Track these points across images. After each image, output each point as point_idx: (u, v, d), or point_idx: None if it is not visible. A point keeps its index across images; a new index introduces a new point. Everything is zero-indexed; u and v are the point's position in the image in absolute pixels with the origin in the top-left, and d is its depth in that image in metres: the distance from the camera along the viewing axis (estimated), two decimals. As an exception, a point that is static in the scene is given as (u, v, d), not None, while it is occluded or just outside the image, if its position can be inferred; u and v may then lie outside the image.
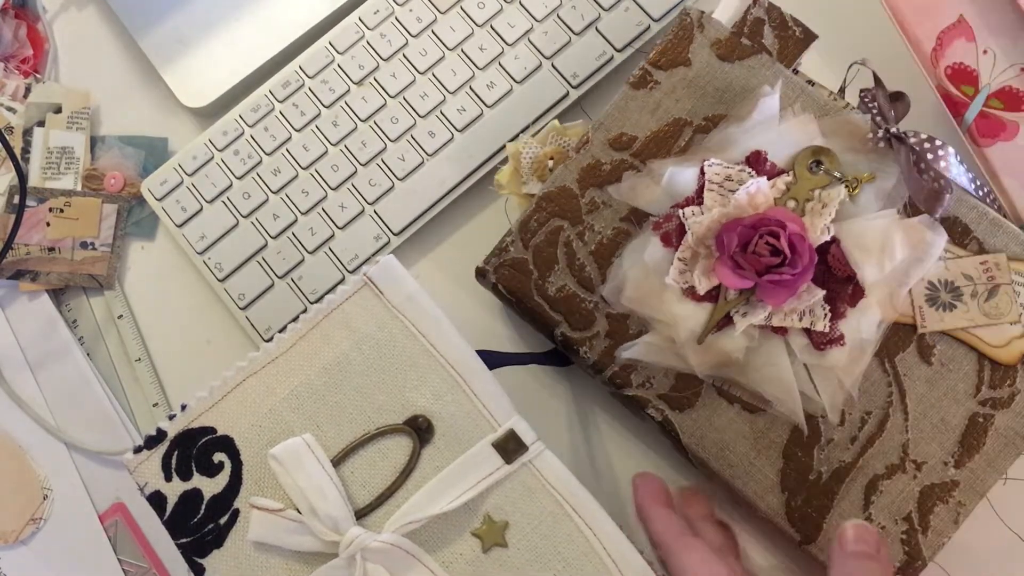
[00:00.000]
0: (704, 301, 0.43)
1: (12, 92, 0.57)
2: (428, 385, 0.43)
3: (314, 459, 0.42)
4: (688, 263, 0.43)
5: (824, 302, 0.42)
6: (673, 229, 0.44)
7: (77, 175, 0.56)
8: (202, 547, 0.43)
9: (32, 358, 0.54)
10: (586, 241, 0.46)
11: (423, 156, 0.54)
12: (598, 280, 0.45)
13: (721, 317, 0.42)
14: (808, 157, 0.43)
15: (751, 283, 0.41)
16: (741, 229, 0.41)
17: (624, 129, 0.46)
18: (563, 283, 0.45)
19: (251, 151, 0.54)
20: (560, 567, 0.41)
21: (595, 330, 0.45)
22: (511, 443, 0.42)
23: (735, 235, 0.41)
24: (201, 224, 0.54)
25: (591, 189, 0.46)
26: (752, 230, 0.41)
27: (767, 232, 0.41)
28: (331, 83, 0.55)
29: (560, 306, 0.45)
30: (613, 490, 0.50)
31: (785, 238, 0.41)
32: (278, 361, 0.44)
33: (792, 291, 0.41)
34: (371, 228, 0.53)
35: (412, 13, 0.55)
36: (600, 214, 0.46)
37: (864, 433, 0.43)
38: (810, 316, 0.42)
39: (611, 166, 0.46)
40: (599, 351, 0.45)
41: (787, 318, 0.42)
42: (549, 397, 0.51)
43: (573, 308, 0.45)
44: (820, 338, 0.42)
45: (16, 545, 0.51)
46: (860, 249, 0.42)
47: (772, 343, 0.42)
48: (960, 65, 0.48)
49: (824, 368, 0.42)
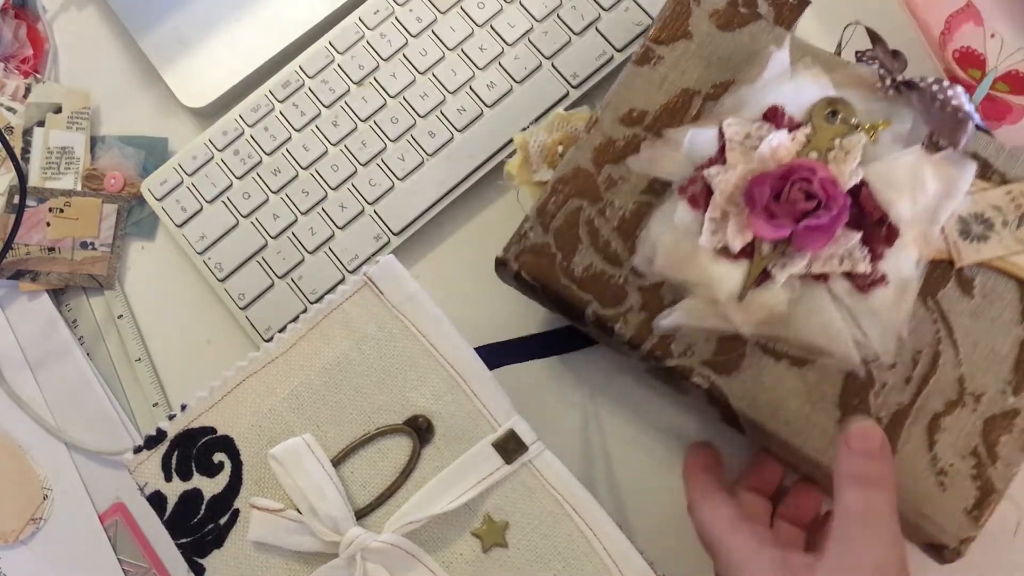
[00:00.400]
0: (739, 259, 0.42)
1: (12, 92, 0.57)
2: (428, 385, 0.43)
3: (314, 459, 0.42)
4: (719, 223, 0.43)
5: (860, 244, 0.42)
6: (699, 191, 0.43)
7: (77, 175, 0.56)
8: (202, 547, 0.43)
9: (32, 358, 0.54)
10: (608, 217, 0.45)
11: (423, 156, 0.54)
12: (625, 254, 0.44)
13: (759, 272, 0.42)
14: (824, 108, 0.44)
15: (788, 231, 0.41)
16: (772, 180, 0.41)
17: (633, 105, 0.46)
18: (589, 262, 0.44)
19: (251, 151, 0.54)
20: (560, 567, 0.41)
21: (628, 305, 0.44)
22: (511, 443, 0.42)
23: (767, 187, 0.41)
24: (201, 224, 0.54)
25: (607, 166, 0.45)
26: (782, 180, 0.41)
27: (799, 179, 0.41)
28: (331, 83, 0.55)
29: (589, 285, 0.44)
30: (613, 490, 0.50)
31: (817, 183, 0.41)
32: (278, 361, 0.44)
33: (830, 235, 0.41)
34: (371, 228, 0.53)
35: (412, 13, 0.55)
36: (619, 189, 0.45)
37: (918, 373, 0.42)
38: (850, 260, 0.42)
39: (624, 141, 0.46)
40: (634, 326, 0.44)
41: (827, 264, 0.42)
42: (549, 396, 0.51)
43: (602, 285, 0.44)
44: (862, 280, 0.42)
45: (16, 545, 0.51)
46: (891, 187, 0.42)
47: (814, 291, 0.42)
48: (967, 49, 0.49)
49: (870, 310, 0.42)
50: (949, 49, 0.49)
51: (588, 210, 0.45)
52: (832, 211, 0.41)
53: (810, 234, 0.41)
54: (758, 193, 0.41)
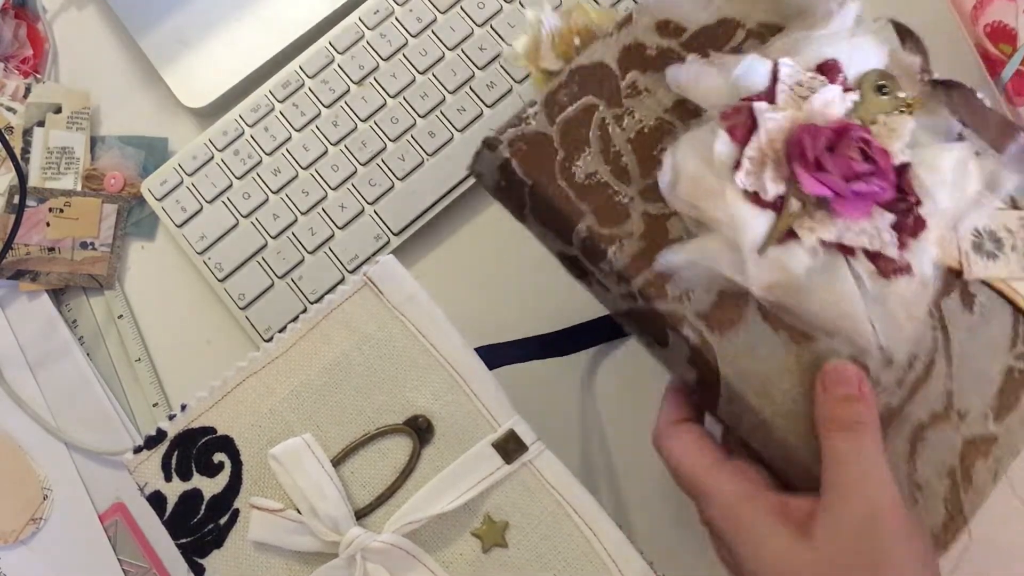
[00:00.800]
0: (768, 208, 0.38)
1: (12, 92, 0.57)
2: (428, 385, 0.43)
3: (314, 459, 0.42)
4: (756, 164, 0.38)
5: (891, 229, 0.39)
6: (743, 124, 0.39)
7: (77, 175, 0.56)
8: (202, 547, 0.43)
9: (32, 358, 0.54)
10: (624, 128, 0.40)
11: (423, 156, 0.54)
12: (636, 172, 0.39)
13: (786, 228, 0.38)
14: (876, 79, 0.40)
15: (831, 190, 0.37)
16: (828, 132, 0.38)
17: (673, 16, 0.42)
18: (594, 169, 0.39)
19: (251, 151, 0.54)
20: (560, 567, 0.41)
21: (628, 228, 0.38)
22: (511, 443, 0.42)
23: (822, 137, 0.38)
24: (201, 224, 0.54)
25: (633, 72, 0.41)
26: (838, 135, 0.38)
27: (858, 138, 0.38)
28: (331, 83, 0.55)
29: (588, 195, 0.39)
30: (613, 490, 0.50)
31: (874, 148, 0.38)
32: (278, 361, 0.44)
33: (870, 205, 0.38)
34: (371, 228, 0.53)
35: (412, 13, 0.55)
36: (642, 101, 0.40)
37: (911, 378, 0.39)
38: (880, 240, 0.38)
39: (657, 52, 0.41)
40: (630, 254, 0.38)
41: (858, 236, 0.38)
42: (550, 396, 0.51)
43: (604, 199, 0.39)
44: (887, 264, 0.38)
45: (16, 545, 0.51)
46: (935, 175, 0.39)
47: (837, 263, 0.38)
48: (999, 24, 0.49)
49: (888, 300, 0.38)
50: (981, 24, 0.48)
51: (604, 112, 0.40)
52: (884, 180, 0.38)
53: (854, 200, 0.37)
54: (809, 142, 0.38)
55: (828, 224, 0.38)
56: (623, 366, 0.51)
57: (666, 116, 0.40)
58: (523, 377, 0.51)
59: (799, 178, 0.37)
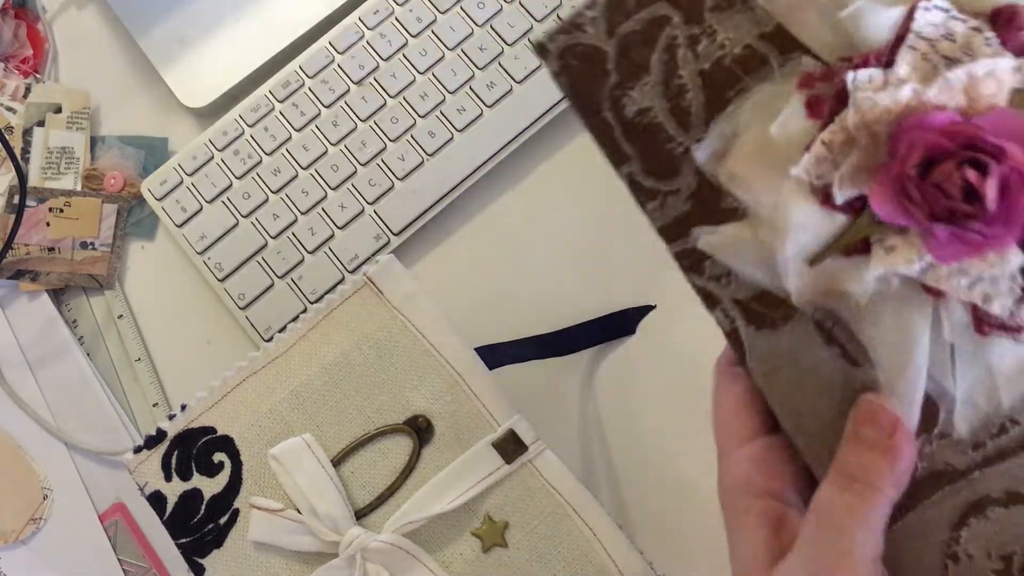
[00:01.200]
0: (838, 211, 0.28)
1: (12, 92, 0.57)
2: (428, 385, 0.43)
3: (314, 459, 0.42)
4: (835, 151, 0.28)
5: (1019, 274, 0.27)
6: (829, 95, 0.28)
7: (77, 175, 0.56)
8: (202, 547, 0.43)
9: (32, 358, 0.54)
10: (699, 53, 0.30)
11: (423, 156, 0.54)
12: (701, 118, 0.31)
13: (856, 240, 0.28)
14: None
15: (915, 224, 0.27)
16: (934, 138, 0.26)
17: None
18: (649, 104, 0.31)
19: (251, 151, 0.54)
20: (560, 567, 0.41)
21: (676, 184, 0.31)
22: (511, 443, 0.42)
23: (919, 144, 0.26)
24: (201, 224, 0.54)
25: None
26: (950, 143, 0.26)
27: (970, 159, 0.26)
28: (331, 83, 0.55)
29: (637, 136, 0.31)
30: (613, 490, 0.50)
31: (998, 175, 0.25)
32: (278, 361, 0.44)
33: (976, 252, 0.27)
34: (371, 228, 0.53)
35: (412, 13, 0.55)
36: (731, 17, 0.30)
37: (997, 444, 0.30)
38: (988, 287, 0.27)
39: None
40: (672, 216, 0.31)
41: (952, 280, 0.27)
42: (550, 396, 0.51)
43: (654, 146, 0.31)
44: (988, 319, 0.28)
45: (16, 545, 0.51)
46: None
47: (915, 303, 0.28)
48: None
49: (980, 360, 0.28)
50: None
51: (678, 30, 0.31)
52: (996, 225, 0.26)
53: (947, 242, 0.27)
54: (904, 148, 0.26)
55: (915, 252, 0.27)
56: (623, 366, 0.51)
57: (760, 45, 0.30)
58: (523, 377, 0.51)
59: (872, 196, 0.27)
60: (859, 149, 0.28)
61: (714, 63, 0.30)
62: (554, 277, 0.53)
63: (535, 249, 0.54)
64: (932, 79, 0.27)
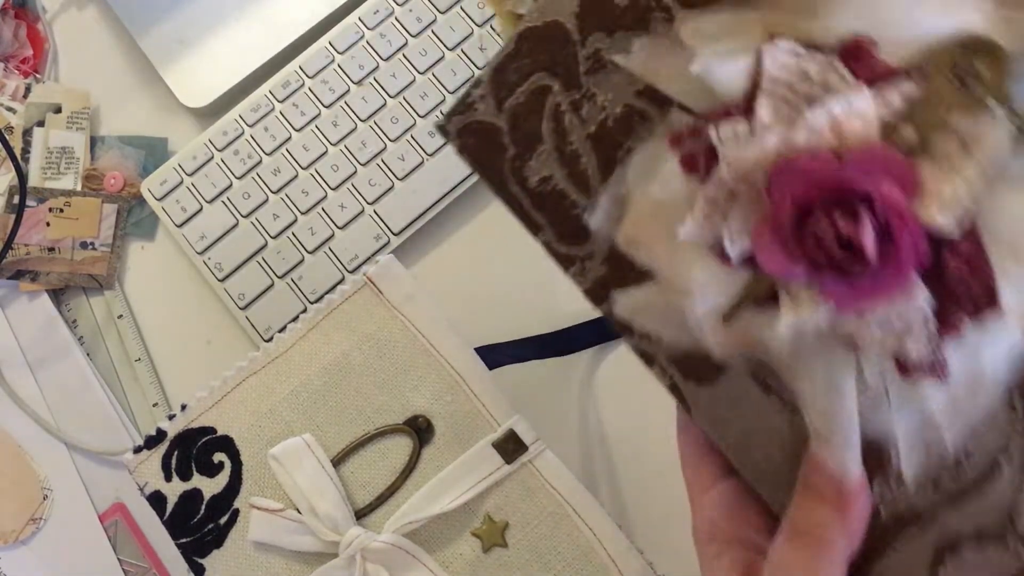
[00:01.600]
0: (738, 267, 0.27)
1: (12, 92, 0.57)
2: (428, 385, 0.43)
3: (314, 459, 0.42)
4: (718, 206, 0.27)
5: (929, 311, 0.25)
6: (701, 150, 0.27)
7: (77, 175, 0.56)
8: (202, 547, 0.43)
9: (32, 358, 0.54)
10: (584, 117, 0.30)
11: (423, 156, 0.54)
12: (597, 180, 0.30)
13: (763, 291, 0.27)
14: (955, 56, 0.25)
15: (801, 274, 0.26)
16: (802, 187, 0.25)
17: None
18: (549, 173, 0.31)
19: (251, 151, 0.54)
20: (560, 567, 0.41)
21: (589, 249, 0.31)
22: (511, 443, 0.42)
23: (788, 194, 0.25)
24: (201, 224, 0.54)
25: (596, 34, 0.30)
26: (816, 191, 0.25)
27: (838, 205, 0.24)
28: (331, 83, 0.55)
29: (544, 205, 0.31)
30: (613, 490, 0.50)
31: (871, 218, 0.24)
32: (278, 361, 0.44)
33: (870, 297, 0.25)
34: (371, 228, 0.53)
35: (412, 13, 0.55)
36: (607, 78, 0.30)
37: (957, 483, 0.28)
38: (900, 331, 0.26)
39: (629, 5, 0.30)
40: (593, 279, 0.31)
41: (862, 328, 0.26)
42: (550, 396, 0.51)
43: (562, 212, 0.31)
44: (909, 363, 0.26)
45: (16, 545, 0.51)
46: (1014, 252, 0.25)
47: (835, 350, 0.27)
48: None
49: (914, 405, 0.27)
50: None
51: (559, 96, 0.31)
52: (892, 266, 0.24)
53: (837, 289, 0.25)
54: (777, 197, 0.25)
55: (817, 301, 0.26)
56: (623, 366, 0.51)
57: (638, 102, 0.30)
58: (523, 377, 0.51)
59: (756, 248, 0.26)
60: (742, 202, 0.27)
61: (599, 125, 0.30)
62: (554, 277, 0.53)
63: (535, 249, 0.54)
64: (797, 121, 0.25)
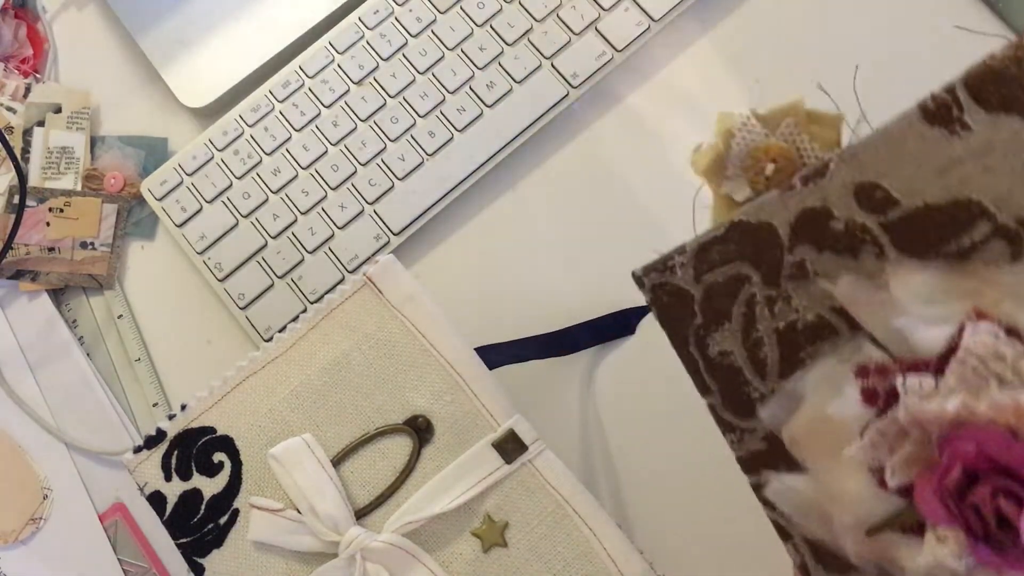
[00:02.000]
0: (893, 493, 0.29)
1: (12, 92, 0.57)
2: (428, 385, 0.43)
3: (314, 459, 0.42)
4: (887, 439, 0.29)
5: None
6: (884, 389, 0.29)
7: (77, 175, 0.56)
8: (202, 547, 0.43)
9: (32, 358, 0.54)
10: (775, 314, 0.32)
11: (423, 156, 0.54)
12: (775, 371, 0.32)
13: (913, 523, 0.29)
14: None
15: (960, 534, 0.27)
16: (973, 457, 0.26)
17: (884, 179, 0.29)
18: (729, 349, 0.33)
19: (251, 151, 0.54)
20: (560, 567, 0.41)
21: (752, 424, 0.33)
22: (511, 443, 0.42)
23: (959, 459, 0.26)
24: (201, 224, 0.54)
25: (805, 246, 0.31)
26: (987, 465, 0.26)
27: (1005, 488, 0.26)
28: (331, 83, 0.55)
29: (718, 374, 0.33)
30: (613, 490, 0.50)
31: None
32: (278, 361, 0.44)
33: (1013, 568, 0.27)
34: (371, 228, 0.53)
35: (412, 13, 0.55)
36: (806, 287, 0.31)
37: None
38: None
39: (845, 226, 0.30)
40: (748, 450, 0.33)
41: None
42: (550, 396, 0.51)
43: (734, 386, 0.33)
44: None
45: (16, 545, 0.51)
46: None
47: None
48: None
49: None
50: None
51: (756, 288, 0.32)
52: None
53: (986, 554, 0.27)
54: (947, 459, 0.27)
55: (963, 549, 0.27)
56: (623, 366, 0.51)
57: (832, 317, 0.30)
58: (523, 377, 0.51)
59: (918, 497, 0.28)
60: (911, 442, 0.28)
61: (788, 324, 0.32)
62: (554, 277, 0.53)
63: (535, 249, 0.54)
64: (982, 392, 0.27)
